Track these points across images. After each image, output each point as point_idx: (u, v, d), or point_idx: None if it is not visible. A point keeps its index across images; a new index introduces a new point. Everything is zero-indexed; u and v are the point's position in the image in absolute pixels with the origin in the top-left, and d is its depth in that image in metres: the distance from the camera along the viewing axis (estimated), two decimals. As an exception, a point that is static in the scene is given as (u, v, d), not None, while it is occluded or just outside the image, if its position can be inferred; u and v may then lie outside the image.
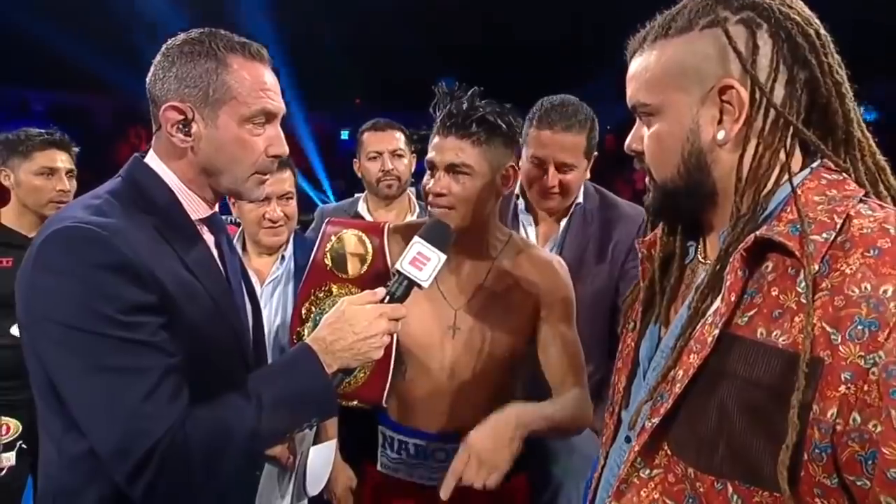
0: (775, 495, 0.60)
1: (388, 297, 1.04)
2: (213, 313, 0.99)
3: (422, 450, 1.37)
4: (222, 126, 0.96)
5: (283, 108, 1.02)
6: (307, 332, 1.35)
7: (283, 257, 1.82)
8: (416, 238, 1.08)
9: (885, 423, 0.54)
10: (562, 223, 1.72)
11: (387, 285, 1.06)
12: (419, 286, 1.05)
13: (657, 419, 0.69)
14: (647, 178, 0.80)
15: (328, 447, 1.57)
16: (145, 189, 0.98)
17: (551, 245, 1.71)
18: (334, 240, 1.40)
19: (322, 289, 1.38)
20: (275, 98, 1.00)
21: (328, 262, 1.39)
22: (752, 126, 0.70)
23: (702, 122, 0.71)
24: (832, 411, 0.57)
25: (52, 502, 0.95)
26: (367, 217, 2.21)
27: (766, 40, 0.68)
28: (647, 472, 0.71)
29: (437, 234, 1.09)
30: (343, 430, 1.63)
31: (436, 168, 1.28)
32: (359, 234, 1.40)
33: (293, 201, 1.81)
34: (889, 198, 0.71)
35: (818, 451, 0.58)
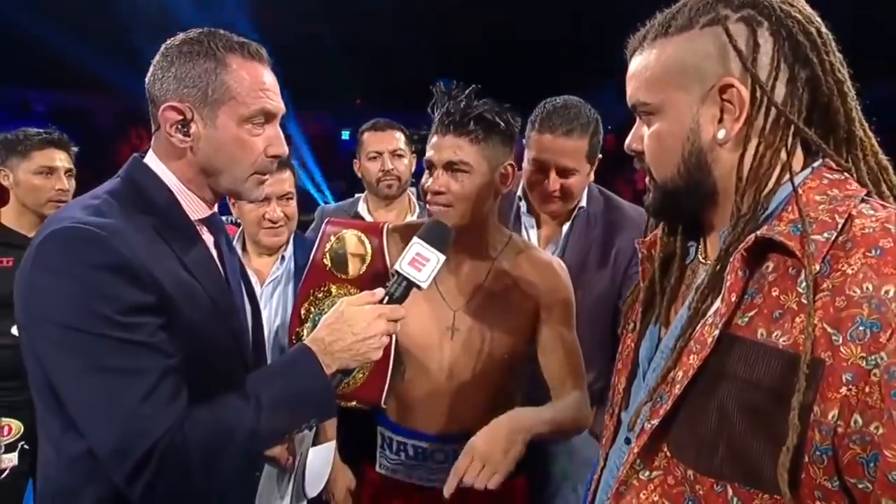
0: (776, 498, 0.60)
1: (386, 298, 1.04)
2: (211, 314, 0.98)
3: (420, 451, 1.37)
4: (221, 126, 0.96)
5: (282, 108, 1.02)
6: (306, 332, 1.35)
7: (283, 258, 1.82)
8: (415, 239, 1.08)
9: (887, 426, 0.54)
10: (564, 227, 1.70)
11: (386, 286, 1.06)
12: (418, 287, 1.05)
13: (656, 420, 0.69)
14: (647, 178, 0.79)
15: (327, 448, 1.57)
16: (144, 189, 0.98)
17: (553, 249, 1.69)
18: (333, 240, 1.40)
19: (321, 289, 1.38)
20: (274, 98, 1.00)
21: (327, 263, 1.39)
22: (752, 125, 0.69)
23: (702, 121, 0.71)
24: (833, 413, 0.56)
25: (50, 503, 0.94)
26: (368, 217, 2.21)
27: (766, 38, 0.68)
28: (647, 473, 0.71)
29: (436, 235, 1.09)
30: (342, 431, 1.62)
31: (434, 166, 1.27)
32: (358, 234, 1.40)
33: (293, 201, 1.80)
34: (892, 197, 0.70)
35: (819, 453, 0.57)
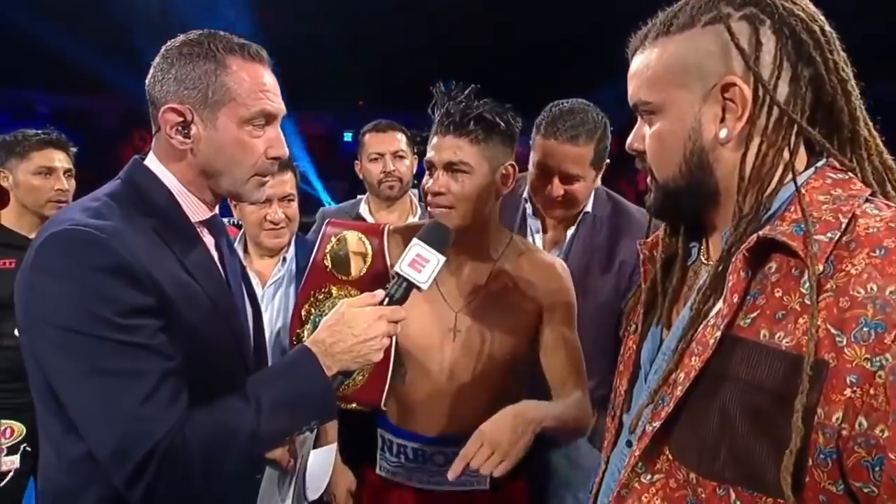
0: (779, 502, 0.59)
1: (387, 300, 1.04)
2: (212, 316, 0.98)
3: (420, 453, 1.37)
4: (222, 128, 0.96)
5: (283, 109, 1.01)
6: (307, 333, 1.34)
7: (285, 259, 1.82)
8: (415, 240, 1.07)
9: (893, 428, 0.53)
10: (569, 231, 1.68)
11: (386, 287, 1.05)
12: (418, 288, 1.04)
13: (658, 423, 0.68)
14: (649, 178, 0.79)
15: (328, 451, 1.57)
16: (144, 191, 0.98)
17: (557, 252, 1.67)
18: (334, 241, 1.39)
19: (321, 290, 1.38)
20: (274, 99, 0.99)
21: (328, 264, 1.38)
22: (755, 124, 0.68)
23: (704, 120, 0.70)
24: (837, 415, 0.55)
25: (51, 504, 0.94)
26: (369, 219, 2.20)
27: (769, 37, 0.67)
28: (649, 477, 0.70)
29: (436, 236, 1.09)
30: (343, 433, 1.62)
31: (434, 167, 1.27)
32: (358, 235, 1.40)
33: (294, 203, 1.80)
34: None
35: (823, 456, 0.56)
